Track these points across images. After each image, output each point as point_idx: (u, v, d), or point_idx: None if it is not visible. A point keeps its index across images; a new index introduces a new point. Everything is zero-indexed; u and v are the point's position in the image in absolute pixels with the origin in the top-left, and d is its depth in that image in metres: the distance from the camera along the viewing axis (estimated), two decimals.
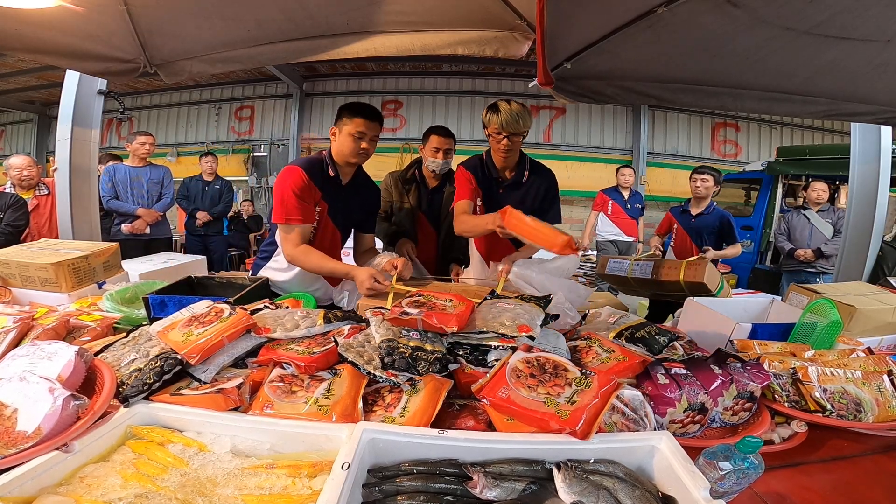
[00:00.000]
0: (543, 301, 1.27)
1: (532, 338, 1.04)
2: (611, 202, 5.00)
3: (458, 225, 1.92)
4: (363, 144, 1.71)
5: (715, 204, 3.18)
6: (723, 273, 5.01)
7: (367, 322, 1.18)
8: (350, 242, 2.16)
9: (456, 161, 2.25)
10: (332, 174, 1.77)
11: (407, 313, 1.08)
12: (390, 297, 1.49)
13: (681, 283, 2.16)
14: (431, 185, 2.37)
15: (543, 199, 2.01)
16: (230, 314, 1.13)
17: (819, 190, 4.06)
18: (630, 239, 4.99)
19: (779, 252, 5.14)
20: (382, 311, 1.17)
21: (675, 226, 3.26)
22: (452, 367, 1.04)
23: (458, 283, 2.06)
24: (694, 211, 3.17)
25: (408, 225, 2.33)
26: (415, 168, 2.36)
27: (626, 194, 4.98)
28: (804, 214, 4.12)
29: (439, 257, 2.35)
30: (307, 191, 1.71)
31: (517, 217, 1.64)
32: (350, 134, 1.69)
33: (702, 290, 1.99)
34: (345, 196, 1.85)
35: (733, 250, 3.13)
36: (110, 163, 3.91)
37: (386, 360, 0.98)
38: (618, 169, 5.13)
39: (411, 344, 1.02)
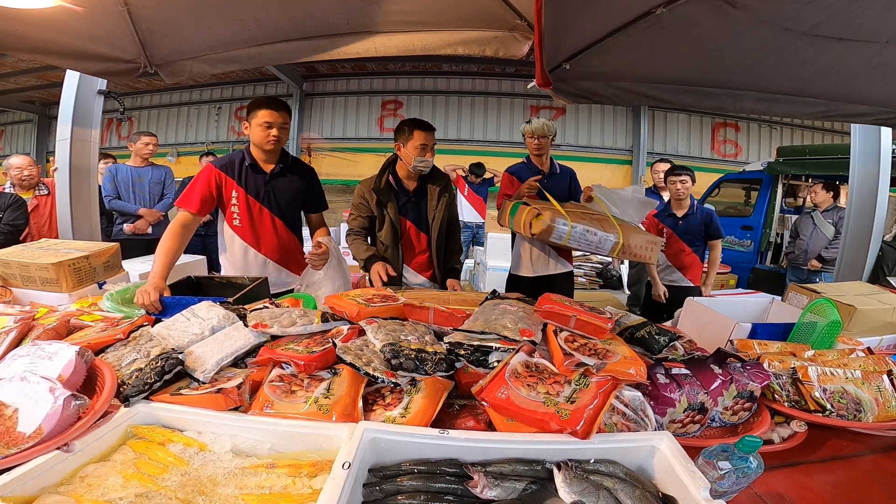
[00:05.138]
0: None
1: (534, 342, 1.04)
2: None
3: None
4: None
5: (696, 201, 3.16)
6: (721, 273, 5.04)
7: None
8: (346, 241, 2.19)
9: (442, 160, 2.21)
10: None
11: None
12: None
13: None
14: (411, 188, 2.12)
15: None
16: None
17: (814, 192, 4.20)
18: None
19: (779, 252, 5.18)
20: (376, 319, 1.18)
21: (665, 230, 3.21)
22: (457, 365, 1.04)
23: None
24: (679, 213, 3.13)
25: (390, 240, 2.10)
26: (388, 173, 2.10)
27: (666, 196, 3.71)
28: (811, 216, 4.18)
29: (436, 261, 2.19)
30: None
31: None
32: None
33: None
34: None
35: (715, 253, 3.14)
36: (106, 162, 3.91)
37: (393, 361, 0.98)
38: (651, 165, 3.96)
39: (413, 347, 1.02)
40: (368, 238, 2.17)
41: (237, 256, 1.98)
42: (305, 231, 2.17)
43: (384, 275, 1.94)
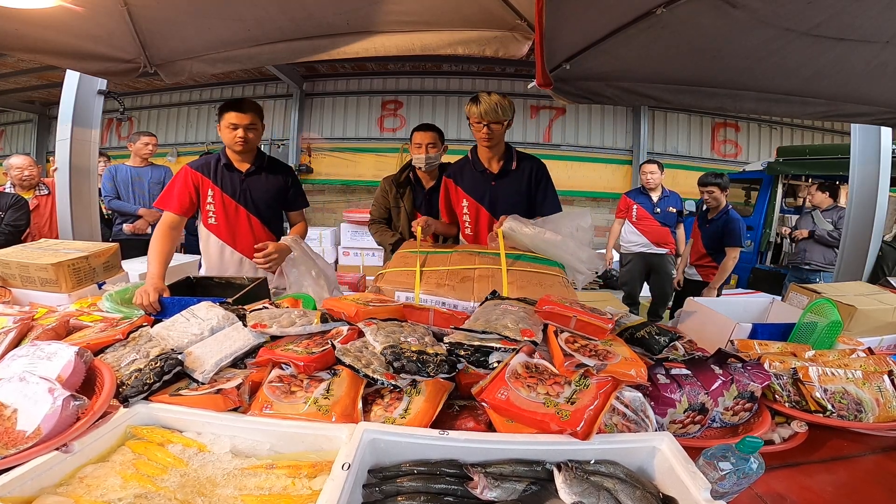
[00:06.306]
0: None
1: (535, 343, 1.03)
2: (635, 206, 4.02)
3: None
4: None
5: (730, 207, 3.41)
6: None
7: None
8: (348, 242, 2.23)
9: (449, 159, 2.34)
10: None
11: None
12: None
13: None
14: (428, 186, 2.37)
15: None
16: None
17: (811, 195, 4.41)
18: (662, 251, 3.98)
19: (779, 252, 5.19)
20: (374, 320, 1.17)
21: (695, 231, 3.61)
22: (459, 367, 1.04)
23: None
24: (709, 217, 3.47)
25: (407, 229, 2.34)
26: (408, 171, 2.39)
27: (654, 196, 3.98)
28: (810, 215, 4.24)
29: None
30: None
31: None
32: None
33: None
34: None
35: (726, 261, 3.26)
36: (100, 162, 3.91)
37: (395, 364, 0.97)
38: (640, 166, 4.18)
39: (414, 348, 1.01)
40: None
41: (213, 254, 2.02)
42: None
43: (424, 224, 1.91)
